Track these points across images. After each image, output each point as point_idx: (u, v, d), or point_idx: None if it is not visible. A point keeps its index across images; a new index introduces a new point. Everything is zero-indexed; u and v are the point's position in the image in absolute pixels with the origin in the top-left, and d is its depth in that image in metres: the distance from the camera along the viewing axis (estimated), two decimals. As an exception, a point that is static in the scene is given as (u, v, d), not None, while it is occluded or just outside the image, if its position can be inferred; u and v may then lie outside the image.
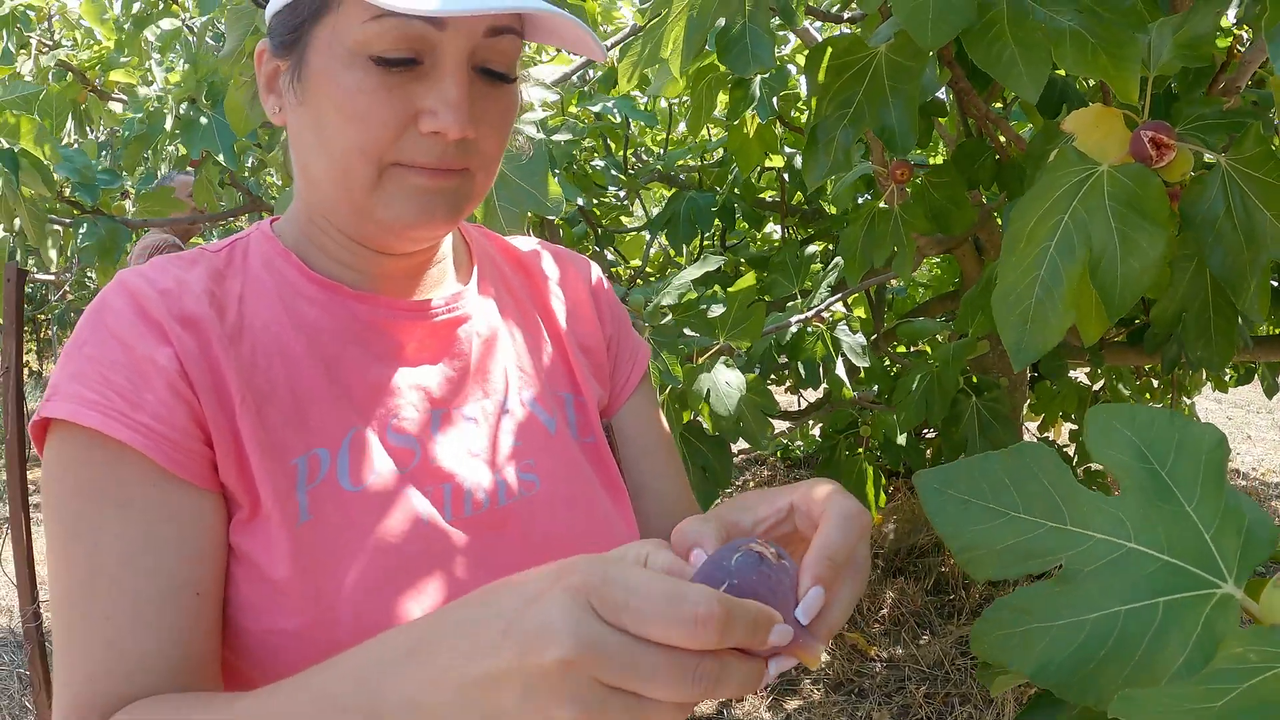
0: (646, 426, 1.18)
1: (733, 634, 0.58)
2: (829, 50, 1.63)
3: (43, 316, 10.38)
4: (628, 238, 4.71)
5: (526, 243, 1.20)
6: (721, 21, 1.63)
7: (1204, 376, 4.60)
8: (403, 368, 0.98)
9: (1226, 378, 4.58)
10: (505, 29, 0.91)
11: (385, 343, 0.98)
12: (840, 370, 2.88)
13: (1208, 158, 1.31)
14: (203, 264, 0.95)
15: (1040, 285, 1.25)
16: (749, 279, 2.62)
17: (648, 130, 4.16)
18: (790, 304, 3.11)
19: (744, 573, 0.63)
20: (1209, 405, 7.88)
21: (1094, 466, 4.09)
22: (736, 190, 3.72)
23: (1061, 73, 2.01)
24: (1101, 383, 4.67)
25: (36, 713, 3.09)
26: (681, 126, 4.26)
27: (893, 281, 4.02)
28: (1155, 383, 4.87)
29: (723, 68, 2.55)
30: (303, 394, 0.92)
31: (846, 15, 2.17)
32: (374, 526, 0.90)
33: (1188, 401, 5.18)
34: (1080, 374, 4.78)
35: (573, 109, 3.64)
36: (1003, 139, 2.04)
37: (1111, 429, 0.75)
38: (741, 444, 2.77)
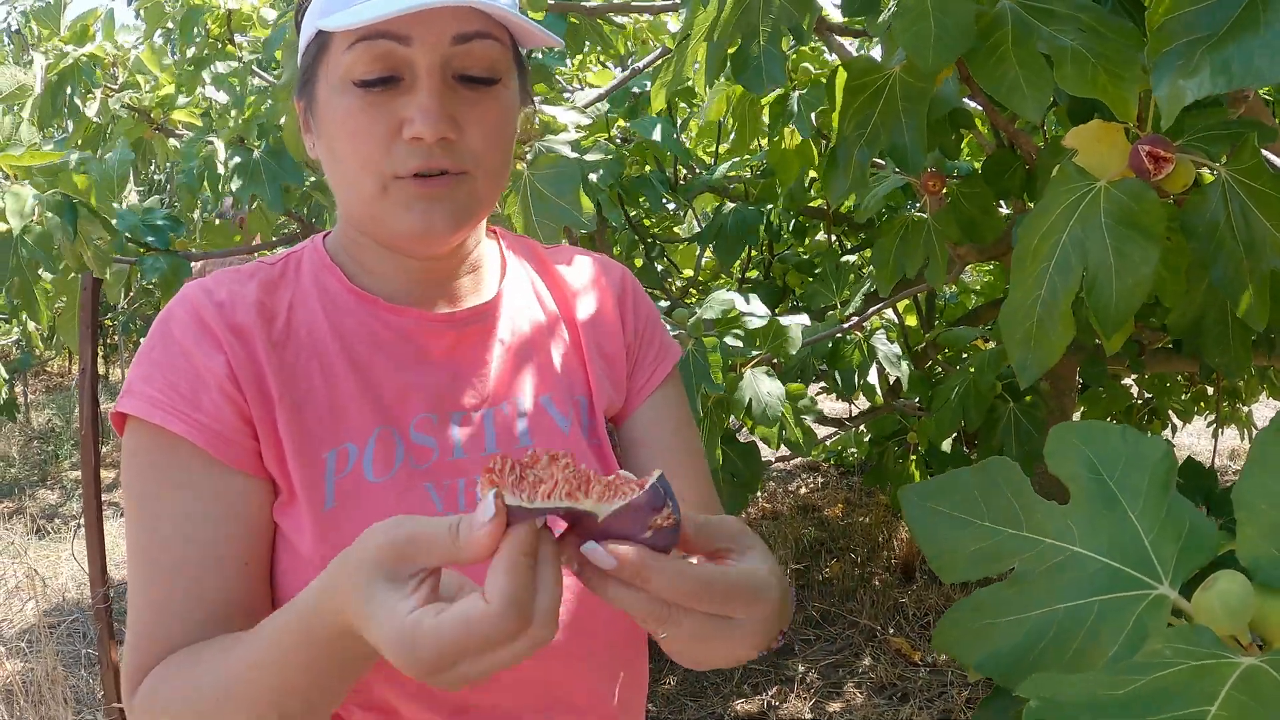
0: (665, 428, 1.22)
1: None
2: (844, 71, 1.68)
3: (109, 323, 10.64)
4: (680, 248, 4.77)
5: (563, 251, 1.27)
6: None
7: (1260, 383, 4.54)
8: (428, 373, 1.08)
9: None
10: (473, 34, 0.98)
11: (413, 350, 1.08)
12: (873, 378, 2.91)
13: (1206, 170, 1.34)
14: (259, 277, 1.08)
15: (1041, 305, 1.29)
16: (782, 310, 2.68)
17: (698, 142, 4.21)
18: (830, 313, 3.15)
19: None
20: (1270, 414, 7.73)
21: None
22: (784, 201, 3.75)
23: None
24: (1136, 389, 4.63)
25: (105, 692, 3.21)
26: (732, 136, 4.29)
27: (948, 287, 4.03)
28: (1210, 390, 4.82)
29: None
30: (337, 395, 1.04)
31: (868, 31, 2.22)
32: (391, 514, 0.99)
33: (1244, 409, 5.11)
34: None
35: (622, 124, 3.71)
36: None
37: (1068, 444, 0.81)
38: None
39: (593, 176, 2.31)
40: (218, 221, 3.79)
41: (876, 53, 2.58)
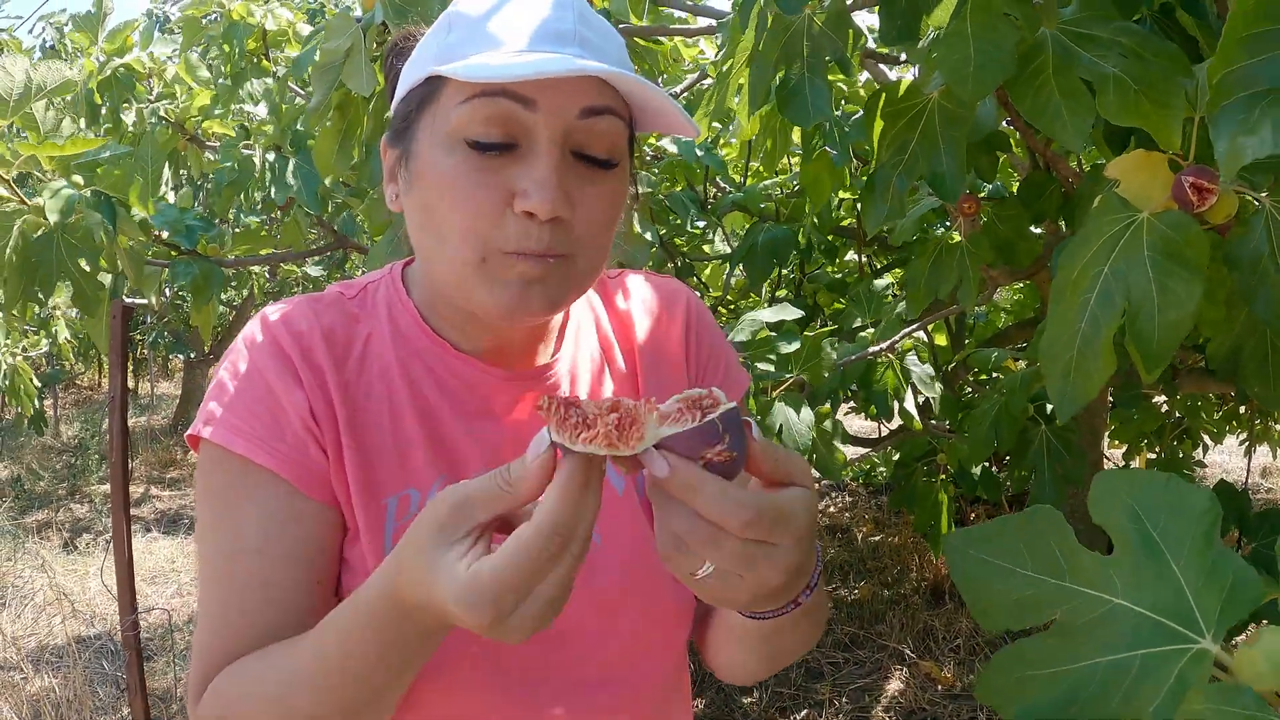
0: None
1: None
2: (883, 96, 1.67)
3: (138, 338, 10.73)
4: (708, 267, 4.75)
5: (624, 279, 1.23)
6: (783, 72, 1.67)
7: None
8: (489, 428, 1.06)
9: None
10: (601, 109, 0.93)
11: (477, 402, 1.07)
12: (909, 403, 2.89)
13: (1251, 199, 1.32)
14: (337, 309, 1.07)
15: (1081, 338, 1.27)
16: (825, 331, 2.66)
17: (726, 161, 4.20)
18: (862, 335, 3.13)
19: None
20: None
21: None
22: (815, 221, 3.73)
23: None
24: (1167, 408, 4.58)
25: (132, 716, 3.22)
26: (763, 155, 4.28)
27: (979, 307, 4.00)
28: (1242, 408, 4.76)
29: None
30: (402, 438, 1.03)
31: (905, 58, 2.20)
32: None
33: (1277, 427, 5.05)
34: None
35: (652, 141, 3.70)
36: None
37: (1112, 492, 0.79)
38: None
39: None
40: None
41: (902, 73, 2.58)
